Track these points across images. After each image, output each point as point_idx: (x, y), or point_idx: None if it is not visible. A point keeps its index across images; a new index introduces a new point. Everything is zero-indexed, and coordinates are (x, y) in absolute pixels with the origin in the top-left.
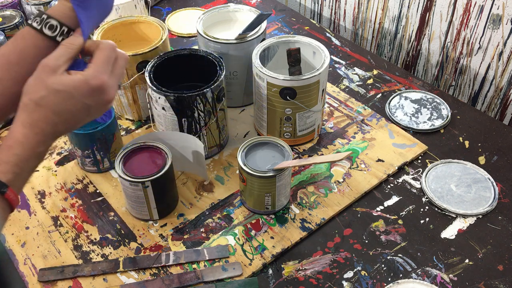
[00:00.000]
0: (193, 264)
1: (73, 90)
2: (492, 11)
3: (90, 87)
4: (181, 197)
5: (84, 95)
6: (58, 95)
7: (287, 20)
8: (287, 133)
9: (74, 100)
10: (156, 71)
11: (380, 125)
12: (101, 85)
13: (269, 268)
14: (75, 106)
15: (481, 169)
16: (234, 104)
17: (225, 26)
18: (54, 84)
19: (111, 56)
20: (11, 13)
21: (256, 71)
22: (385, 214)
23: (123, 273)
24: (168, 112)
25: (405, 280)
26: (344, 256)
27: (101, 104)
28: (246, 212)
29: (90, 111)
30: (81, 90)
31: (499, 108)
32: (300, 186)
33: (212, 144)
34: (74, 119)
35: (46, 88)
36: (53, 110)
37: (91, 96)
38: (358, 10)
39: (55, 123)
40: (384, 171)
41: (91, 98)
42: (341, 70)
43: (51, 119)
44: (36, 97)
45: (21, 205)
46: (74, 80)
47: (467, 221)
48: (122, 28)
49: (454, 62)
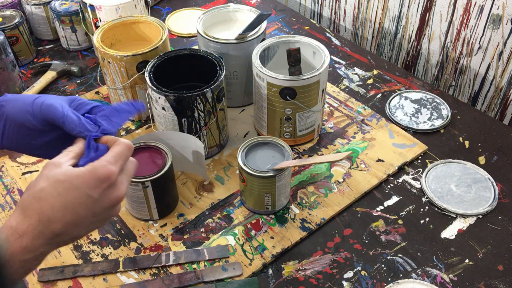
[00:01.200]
0: (193, 264)
1: (77, 179)
2: (492, 11)
3: (97, 176)
4: (181, 197)
5: (89, 185)
6: (59, 186)
7: (287, 20)
8: (287, 133)
9: (77, 192)
10: (156, 71)
11: (380, 125)
12: (109, 176)
13: (269, 268)
14: (78, 199)
15: (481, 169)
16: (234, 104)
17: (225, 26)
18: (57, 175)
19: (125, 153)
20: (11, 13)
21: (256, 71)
22: (385, 214)
23: (123, 273)
24: (168, 112)
25: (405, 280)
26: (344, 256)
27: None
28: (246, 212)
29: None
30: (86, 179)
31: (499, 108)
32: (300, 186)
33: (212, 144)
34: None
35: (47, 179)
36: (52, 204)
37: (97, 188)
38: (358, 10)
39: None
40: (384, 171)
41: (97, 190)
42: (341, 70)
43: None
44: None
45: None
46: (79, 170)
47: (467, 221)
48: (122, 28)
49: (454, 62)
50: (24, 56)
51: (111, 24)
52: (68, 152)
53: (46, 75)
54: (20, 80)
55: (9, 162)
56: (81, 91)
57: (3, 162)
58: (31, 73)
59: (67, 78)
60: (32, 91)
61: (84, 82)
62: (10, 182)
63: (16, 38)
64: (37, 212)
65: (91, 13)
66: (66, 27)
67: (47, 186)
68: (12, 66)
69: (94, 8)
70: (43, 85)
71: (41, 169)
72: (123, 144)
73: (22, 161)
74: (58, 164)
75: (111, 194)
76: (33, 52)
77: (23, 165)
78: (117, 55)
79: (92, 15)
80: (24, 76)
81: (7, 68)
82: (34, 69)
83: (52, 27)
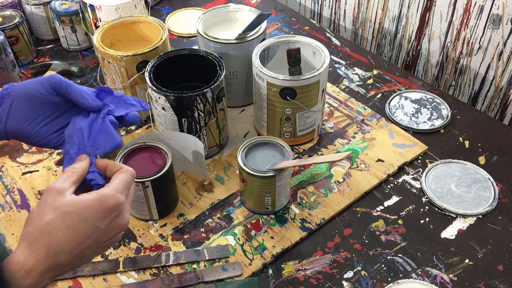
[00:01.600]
0: (193, 264)
1: (86, 210)
2: (492, 11)
3: (106, 206)
4: (181, 197)
5: (98, 216)
6: (67, 218)
7: (287, 20)
8: (287, 133)
9: (86, 224)
10: (156, 71)
11: (380, 125)
12: (119, 205)
13: (269, 268)
14: (86, 231)
15: (481, 169)
16: (234, 104)
17: (225, 26)
18: (64, 206)
19: (130, 181)
20: (11, 13)
21: (256, 71)
22: (385, 214)
23: (123, 273)
24: (168, 112)
25: (405, 280)
26: (344, 256)
27: (114, 230)
28: (246, 212)
29: (101, 239)
30: (95, 210)
31: (499, 108)
32: (300, 186)
33: (212, 144)
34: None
35: (54, 211)
36: (60, 238)
37: (106, 219)
38: (358, 10)
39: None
40: (384, 171)
41: (106, 221)
42: (341, 70)
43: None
44: (41, 223)
45: (21, 205)
46: (86, 200)
47: (467, 221)
48: (122, 28)
49: (454, 62)
50: (24, 56)
51: (111, 24)
52: (70, 175)
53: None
54: (20, 80)
55: (9, 162)
56: None
57: (3, 162)
58: (31, 73)
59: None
60: None
61: (84, 82)
62: (10, 182)
63: (16, 38)
64: (45, 247)
65: (91, 13)
66: (66, 27)
67: (54, 218)
68: (12, 66)
69: (94, 8)
70: None
71: (42, 196)
72: (130, 172)
73: (22, 161)
74: (61, 191)
75: (117, 223)
76: (33, 52)
77: (23, 165)
78: (117, 55)
79: (92, 15)
80: (24, 76)
81: (7, 68)
82: (34, 69)
83: (52, 27)
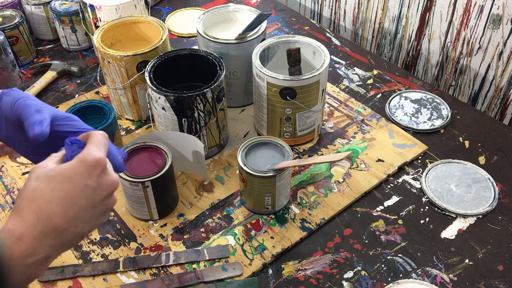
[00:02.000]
0: (193, 264)
1: (69, 171)
2: (492, 11)
3: (88, 164)
4: (181, 197)
5: (82, 175)
6: (51, 180)
7: (287, 20)
8: (287, 133)
9: (72, 183)
10: (156, 71)
11: (380, 125)
12: (99, 161)
13: (269, 268)
14: (74, 190)
15: (481, 169)
16: (234, 104)
17: (225, 26)
18: (46, 172)
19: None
20: (11, 13)
21: (256, 71)
22: (385, 214)
23: (123, 273)
24: (168, 112)
25: (405, 280)
26: (344, 256)
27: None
28: (246, 212)
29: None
30: (77, 169)
31: (499, 108)
32: (300, 186)
33: (212, 144)
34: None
35: (37, 179)
36: (49, 200)
37: (91, 175)
38: (358, 10)
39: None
40: (384, 171)
41: (92, 178)
42: (341, 70)
43: (45, 213)
44: (28, 193)
45: None
46: (68, 164)
47: (467, 221)
48: (122, 28)
49: (454, 62)
50: (24, 56)
51: (111, 24)
52: (53, 157)
53: (46, 75)
54: (20, 80)
55: (9, 162)
56: (81, 91)
57: (3, 162)
58: (31, 73)
59: (67, 78)
60: (32, 91)
61: (84, 82)
62: (10, 182)
63: (16, 38)
64: (35, 211)
65: (91, 13)
66: (66, 27)
67: (39, 184)
68: (12, 66)
69: (94, 8)
70: (43, 85)
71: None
72: (98, 133)
73: (22, 161)
74: (44, 166)
75: (105, 180)
76: (33, 52)
77: (23, 165)
78: (117, 55)
79: (92, 15)
80: (24, 76)
81: (7, 68)
82: (34, 69)
83: (52, 27)
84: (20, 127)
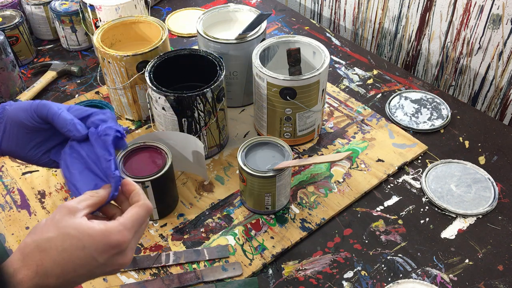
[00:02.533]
0: (193, 264)
1: (87, 239)
2: (492, 11)
3: (109, 241)
4: (181, 197)
5: (98, 248)
6: (66, 240)
7: (287, 20)
8: (287, 133)
9: (83, 252)
10: (156, 71)
11: (380, 125)
12: (122, 243)
13: (269, 268)
14: (82, 260)
15: (481, 169)
16: (234, 104)
17: (225, 26)
18: (67, 228)
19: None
20: (11, 13)
21: (256, 71)
22: (385, 214)
23: (123, 273)
24: (168, 112)
25: (405, 280)
26: (344, 256)
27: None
28: (246, 212)
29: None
30: (96, 241)
31: (499, 108)
32: (300, 186)
33: (212, 144)
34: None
35: (57, 229)
36: (53, 259)
37: (105, 253)
38: (358, 10)
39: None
40: (384, 171)
41: (105, 255)
42: (341, 70)
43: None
44: (40, 238)
45: (21, 205)
46: (91, 228)
47: (467, 221)
48: (122, 28)
49: (454, 62)
50: (24, 56)
51: (111, 24)
52: (88, 197)
53: (46, 75)
54: (20, 80)
55: (9, 162)
56: (81, 91)
57: (3, 162)
58: (31, 73)
59: (67, 78)
60: (32, 91)
61: (84, 82)
62: (10, 182)
63: (16, 38)
64: (36, 264)
65: (91, 13)
66: (66, 27)
67: (54, 237)
68: (12, 66)
69: (94, 8)
70: (43, 85)
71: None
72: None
73: (22, 161)
74: (72, 211)
75: (117, 260)
76: (33, 52)
77: (23, 165)
78: (117, 55)
79: (92, 15)
80: (24, 76)
81: (7, 68)
82: (34, 69)
83: (52, 27)
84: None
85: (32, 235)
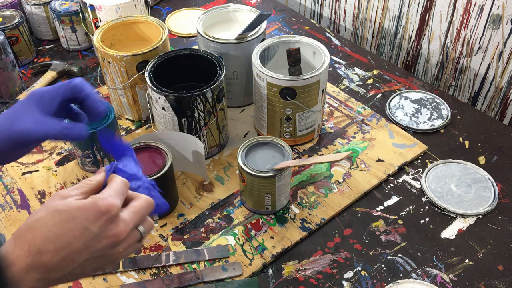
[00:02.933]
0: (193, 264)
1: (76, 210)
2: (492, 11)
3: (98, 208)
4: (181, 197)
5: (88, 217)
6: (56, 215)
7: (287, 20)
8: (287, 133)
9: (74, 223)
10: (156, 71)
11: (380, 125)
12: (111, 208)
13: (269, 268)
14: (73, 231)
15: (481, 169)
16: (234, 104)
17: (225, 26)
18: (57, 205)
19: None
20: (11, 13)
21: (256, 71)
22: (385, 214)
23: (123, 273)
24: (168, 112)
25: (405, 280)
26: (344, 256)
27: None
28: (246, 212)
29: (92, 245)
30: (86, 211)
31: (499, 108)
32: (300, 186)
33: (212, 144)
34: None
35: (46, 209)
36: (45, 235)
37: (97, 221)
38: (358, 10)
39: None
40: (384, 171)
41: (96, 223)
42: (341, 70)
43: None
44: (31, 220)
45: (21, 205)
46: (80, 201)
47: (467, 221)
48: (122, 28)
49: (454, 62)
50: (24, 56)
51: (111, 24)
52: (82, 185)
53: (46, 75)
54: (20, 80)
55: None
56: None
57: None
58: (31, 73)
59: (67, 78)
60: None
61: None
62: (10, 182)
63: (16, 38)
64: (28, 243)
65: (91, 13)
66: (66, 27)
67: (44, 215)
68: (12, 66)
69: (94, 8)
70: (43, 85)
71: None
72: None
73: (22, 161)
74: (65, 196)
75: (110, 229)
76: (33, 52)
77: (23, 165)
78: (117, 55)
79: (92, 15)
80: (24, 76)
81: (7, 68)
82: (34, 69)
83: (52, 27)
84: None
85: (25, 221)
